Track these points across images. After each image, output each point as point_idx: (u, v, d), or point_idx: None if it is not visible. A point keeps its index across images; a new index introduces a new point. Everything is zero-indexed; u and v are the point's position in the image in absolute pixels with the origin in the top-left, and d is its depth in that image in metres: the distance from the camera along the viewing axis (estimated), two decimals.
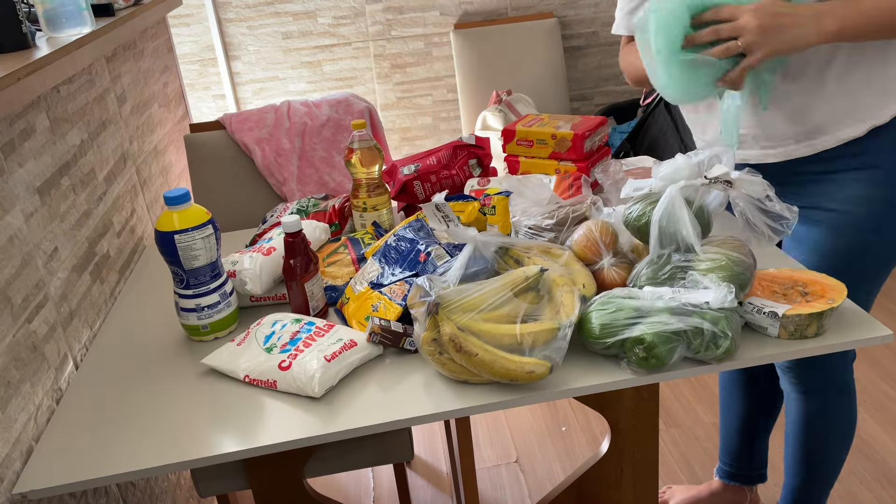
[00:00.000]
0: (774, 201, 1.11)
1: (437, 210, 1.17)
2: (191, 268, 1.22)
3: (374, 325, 1.15)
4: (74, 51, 1.32)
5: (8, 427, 1.06)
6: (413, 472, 2.11)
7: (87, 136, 1.53)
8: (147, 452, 1.03)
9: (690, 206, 1.11)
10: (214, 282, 1.25)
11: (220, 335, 1.28)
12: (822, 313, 1.08)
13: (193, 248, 1.21)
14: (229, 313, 1.28)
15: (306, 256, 1.26)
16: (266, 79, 2.96)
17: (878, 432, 2.05)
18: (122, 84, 1.80)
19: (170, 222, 1.20)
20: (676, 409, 2.22)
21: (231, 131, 2.10)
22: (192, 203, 1.23)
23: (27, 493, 1.00)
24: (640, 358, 1.04)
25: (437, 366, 1.08)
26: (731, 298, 1.03)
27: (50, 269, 1.26)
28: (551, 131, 1.56)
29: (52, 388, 1.21)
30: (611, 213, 1.30)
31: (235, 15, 2.86)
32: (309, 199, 1.66)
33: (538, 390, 1.06)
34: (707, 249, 1.10)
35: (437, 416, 1.05)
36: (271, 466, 1.32)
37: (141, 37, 2.01)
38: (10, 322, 1.12)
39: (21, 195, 1.20)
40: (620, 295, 1.10)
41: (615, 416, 1.34)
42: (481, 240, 1.15)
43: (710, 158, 1.15)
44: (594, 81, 3.12)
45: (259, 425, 1.06)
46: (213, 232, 1.23)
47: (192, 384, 1.18)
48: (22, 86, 1.12)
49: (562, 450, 2.13)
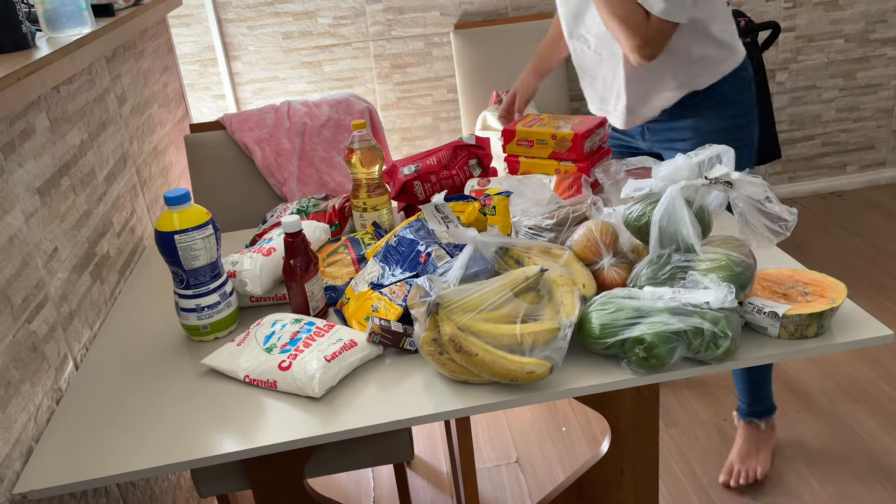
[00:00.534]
0: (774, 203, 1.11)
1: (437, 211, 1.17)
2: (191, 268, 1.22)
3: (374, 325, 1.15)
4: (74, 51, 1.32)
5: (8, 427, 1.06)
6: (413, 473, 2.11)
7: (88, 136, 1.53)
8: (147, 452, 1.03)
9: (691, 206, 1.11)
10: (214, 282, 1.25)
11: (220, 335, 1.28)
12: (823, 313, 1.08)
13: (193, 249, 1.21)
14: (229, 313, 1.28)
15: (306, 257, 1.26)
16: (266, 79, 2.96)
17: (878, 432, 2.05)
18: (122, 84, 1.80)
19: (170, 222, 1.20)
20: (676, 409, 2.22)
21: (231, 131, 2.10)
22: (192, 203, 1.23)
23: (27, 493, 1.00)
24: (641, 358, 1.04)
25: (438, 366, 1.08)
26: (731, 299, 1.03)
27: (50, 270, 1.26)
28: (551, 131, 1.56)
29: (52, 388, 1.21)
30: (611, 213, 1.30)
31: (235, 15, 2.86)
32: (309, 199, 1.66)
33: (538, 390, 1.06)
34: (707, 249, 1.10)
35: (437, 416, 1.05)
36: (271, 467, 1.32)
37: (141, 37, 2.01)
38: (10, 322, 1.12)
39: (21, 195, 1.20)
40: (620, 295, 1.09)
41: (615, 417, 1.34)
42: (481, 240, 1.15)
43: (711, 159, 1.15)
44: None
45: (259, 425, 1.06)
46: (213, 232, 1.23)
47: (192, 384, 1.18)
48: (22, 86, 1.12)
49: (562, 450, 2.13)
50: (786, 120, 3.31)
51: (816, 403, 2.18)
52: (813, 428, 2.09)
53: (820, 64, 3.22)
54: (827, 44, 3.19)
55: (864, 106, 3.33)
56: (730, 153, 1.15)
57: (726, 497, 1.90)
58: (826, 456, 1.99)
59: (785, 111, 3.29)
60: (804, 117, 3.32)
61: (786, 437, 2.06)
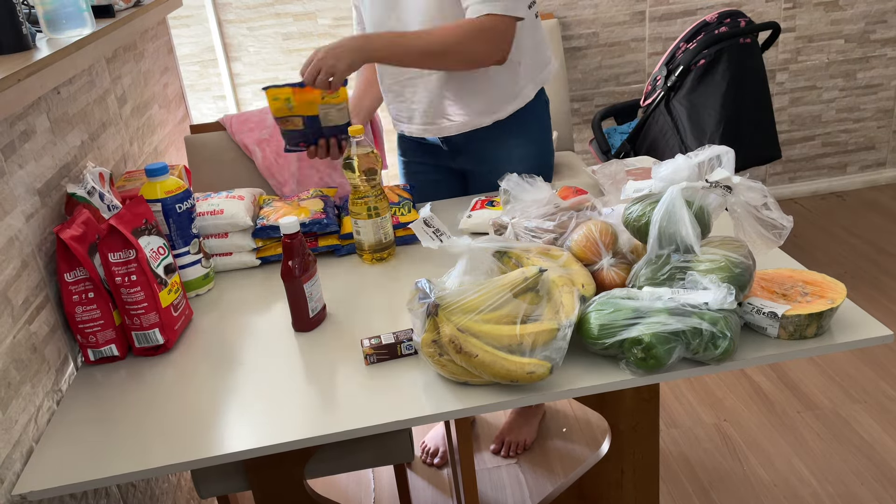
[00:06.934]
0: (772, 209, 1.11)
1: (427, 225, 1.16)
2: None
3: (365, 347, 1.16)
4: (75, 52, 1.32)
5: (8, 428, 1.07)
6: (413, 473, 2.11)
7: (88, 137, 1.53)
8: (147, 453, 1.03)
9: (691, 206, 1.11)
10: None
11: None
12: (822, 314, 1.08)
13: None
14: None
15: (305, 258, 1.26)
16: (266, 80, 2.96)
17: (878, 432, 2.05)
18: (123, 85, 1.80)
19: (153, 191, 1.37)
20: (676, 410, 2.22)
21: (231, 132, 2.10)
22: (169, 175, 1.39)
23: (27, 493, 1.00)
24: (639, 358, 1.04)
25: (437, 367, 1.08)
26: (730, 300, 1.03)
27: (50, 271, 1.27)
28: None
29: (53, 389, 1.21)
30: (611, 214, 1.30)
31: (236, 16, 2.86)
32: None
33: (538, 391, 1.06)
34: (706, 250, 1.10)
35: (437, 416, 1.05)
36: (271, 467, 1.32)
37: (141, 38, 2.01)
38: (11, 323, 1.12)
39: (21, 196, 1.21)
40: (619, 295, 1.10)
41: (615, 417, 1.34)
42: (476, 247, 1.14)
43: (711, 160, 1.15)
44: (595, 82, 3.12)
45: (259, 425, 1.06)
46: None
47: (192, 384, 1.18)
48: (22, 87, 1.12)
49: (562, 450, 2.13)
50: (786, 120, 3.31)
51: (816, 403, 2.18)
52: (813, 428, 2.09)
53: (820, 64, 3.22)
54: (827, 44, 3.19)
55: (864, 106, 3.33)
56: (730, 154, 1.15)
57: (726, 497, 1.90)
58: (826, 456, 1.99)
59: (785, 111, 3.29)
60: (804, 118, 3.32)
61: (786, 437, 2.06)
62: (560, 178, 2.44)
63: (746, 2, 3.07)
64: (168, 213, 1.37)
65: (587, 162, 3.02)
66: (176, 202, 1.38)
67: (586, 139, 3.19)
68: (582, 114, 3.17)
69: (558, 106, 2.75)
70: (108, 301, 1.25)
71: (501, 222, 1.36)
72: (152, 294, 1.25)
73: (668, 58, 2.66)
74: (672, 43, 3.03)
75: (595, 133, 2.81)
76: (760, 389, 2.26)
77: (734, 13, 2.62)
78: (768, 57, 3.13)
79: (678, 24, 3.06)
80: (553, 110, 2.87)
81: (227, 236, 1.52)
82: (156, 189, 1.37)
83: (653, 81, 2.70)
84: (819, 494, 1.88)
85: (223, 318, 1.37)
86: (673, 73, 2.58)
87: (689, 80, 2.55)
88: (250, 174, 2.10)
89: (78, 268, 1.22)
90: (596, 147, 2.81)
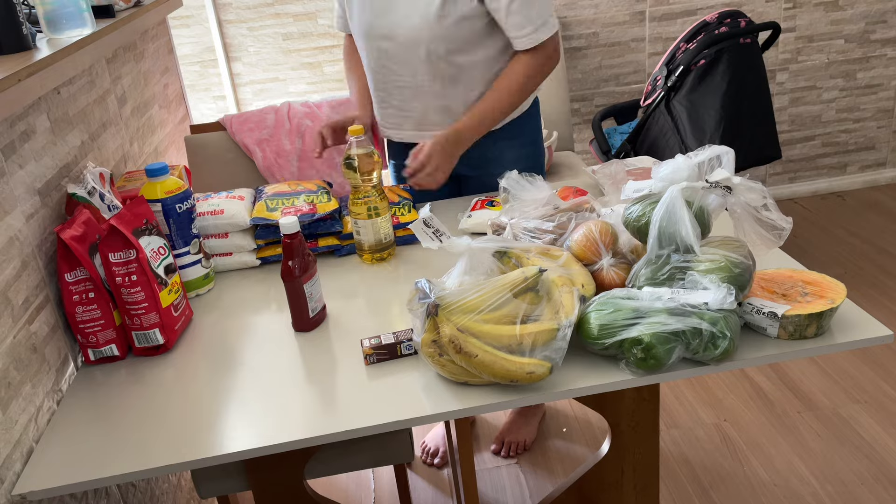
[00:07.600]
0: (771, 210, 1.11)
1: (426, 226, 1.16)
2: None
3: (365, 347, 1.16)
4: (75, 52, 1.32)
5: (9, 428, 1.07)
6: (413, 474, 2.11)
7: (88, 137, 1.53)
8: (147, 453, 1.04)
9: (691, 206, 1.11)
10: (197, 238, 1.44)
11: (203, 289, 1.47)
12: (822, 314, 1.08)
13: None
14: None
15: (305, 258, 1.26)
16: (266, 80, 2.96)
17: (879, 432, 2.05)
18: (123, 85, 1.80)
19: (153, 191, 1.37)
20: (677, 410, 2.22)
21: (231, 132, 2.10)
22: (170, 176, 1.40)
23: (27, 493, 1.00)
24: (639, 359, 1.04)
25: (437, 367, 1.08)
26: (730, 300, 1.03)
27: (50, 271, 1.27)
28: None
29: (53, 389, 1.21)
30: (610, 213, 1.30)
31: (236, 16, 2.86)
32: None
33: (538, 391, 1.06)
34: (706, 250, 1.10)
35: (437, 416, 1.05)
36: (272, 467, 1.32)
37: (141, 38, 2.01)
38: (11, 323, 1.12)
39: (21, 196, 1.21)
40: (619, 295, 1.10)
41: (616, 417, 1.34)
42: (476, 247, 1.14)
43: (711, 160, 1.15)
44: (595, 82, 3.12)
45: (259, 425, 1.06)
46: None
47: (192, 384, 1.18)
48: (22, 87, 1.12)
49: (562, 450, 2.13)
50: (786, 120, 3.31)
51: (816, 403, 2.18)
52: (813, 428, 2.09)
53: (820, 64, 3.22)
54: (827, 44, 3.19)
55: (864, 106, 3.33)
56: (730, 154, 1.15)
57: (726, 497, 1.90)
58: (826, 456, 1.99)
59: (785, 111, 3.29)
60: (804, 118, 3.32)
61: (786, 437, 2.06)
62: (560, 178, 2.44)
63: (746, 2, 3.07)
64: (168, 214, 1.37)
65: (587, 162, 3.02)
66: (176, 202, 1.38)
67: (586, 139, 3.19)
68: (582, 114, 3.17)
69: (558, 106, 2.74)
70: (109, 301, 1.25)
71: (500, 223, 1.36)
72: (152, 294, 1.25)
73: (668, 58, 2.66)
74: (672, 43, 3.03)
75: (595, 133, 2.81)
76: (760, 389, 2.26)
77: (734, 13, 2.62)
78: (768, 57, 3.13)
79: (678, 25, 3.06)
80: (553, 110, 2.87)
81: (228, 236, 1.52)
82: (156, 189, 1.37)
83: (653, 81, 2.70)
84: (819, 494, 1.88)
85: (223, 318, 1.37)
86: (673, 74, 2.58)
87: (689, 80, 2.55)
88: (250, 174, 2.10)
89: (78, 268, 1.22)
90: (596, 147, 2.81)
